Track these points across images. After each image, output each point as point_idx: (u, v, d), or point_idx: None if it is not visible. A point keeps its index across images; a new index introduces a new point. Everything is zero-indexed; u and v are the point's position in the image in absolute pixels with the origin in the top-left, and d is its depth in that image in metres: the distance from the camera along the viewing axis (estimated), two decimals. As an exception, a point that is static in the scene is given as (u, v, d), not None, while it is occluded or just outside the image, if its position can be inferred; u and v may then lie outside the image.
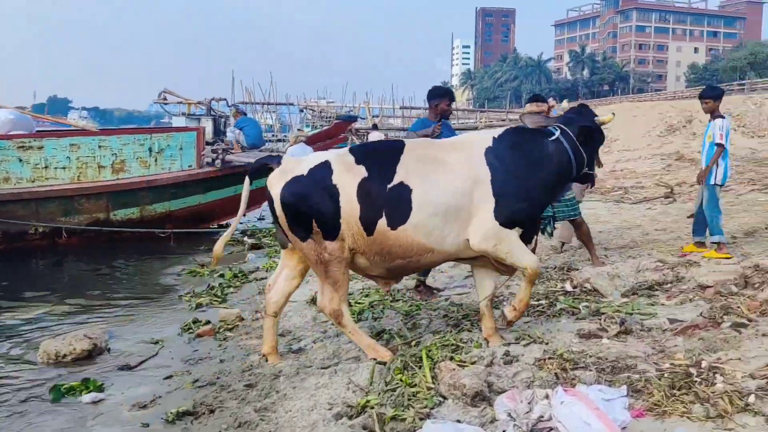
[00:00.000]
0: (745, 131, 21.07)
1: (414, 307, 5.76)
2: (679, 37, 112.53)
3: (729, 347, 3.99)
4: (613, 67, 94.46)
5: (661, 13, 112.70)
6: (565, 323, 4.90)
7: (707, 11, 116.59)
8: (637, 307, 5.04)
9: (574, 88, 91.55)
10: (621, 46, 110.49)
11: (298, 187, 4.33)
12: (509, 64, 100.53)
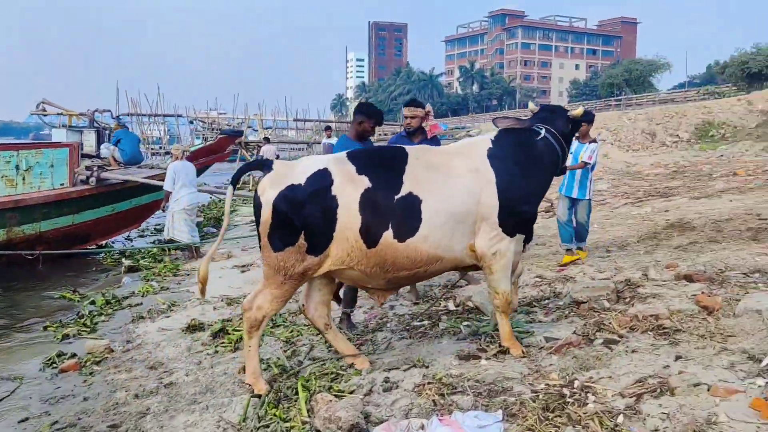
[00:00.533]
0: (621, 145, 22.26)
1: (295, 333, 5.56)
2: (561, 54, 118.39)
3: (601, 365, 4.04)
4: (500, 83, 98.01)
5: (544, 31, 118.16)
6: (446, 344, 4.85)
7: (587, 30, 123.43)
8: (515, 326, 5.06)
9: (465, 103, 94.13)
10: (508, 62, 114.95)
11: (295, 195, 4.00)
12: (402, 78, 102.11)
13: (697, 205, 10.00)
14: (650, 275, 5.97)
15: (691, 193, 11.28)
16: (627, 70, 63.99)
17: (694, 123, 26.60)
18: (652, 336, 4.47)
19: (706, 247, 7.20)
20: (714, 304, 4.86)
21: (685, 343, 4.25)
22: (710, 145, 22.97)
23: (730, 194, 10.77)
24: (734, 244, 7.15)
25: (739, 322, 4.52)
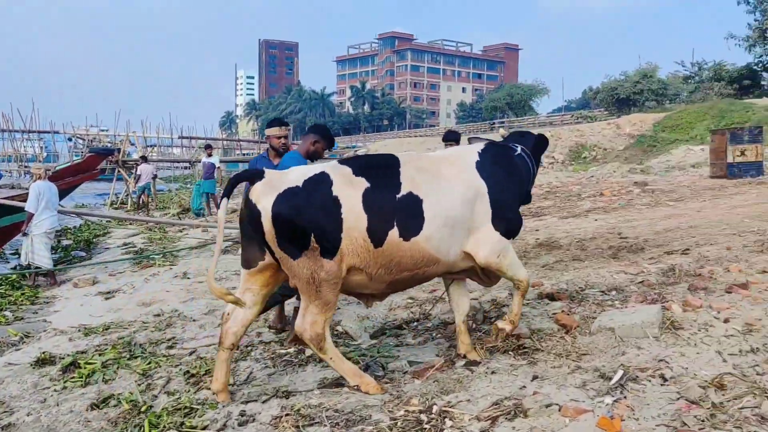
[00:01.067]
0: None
1: (153, 364, 5.24)
2: (449, 77, 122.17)
3: (461, 388, 4.03)
4: (391, 103, 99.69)
5: (432, 55, 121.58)
6: (310, 372, 4.71)
7: (472, 55, 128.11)
8: (383, 350, 5.01)
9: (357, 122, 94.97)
10: (398, 83, 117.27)
11: (295, 199, 3.95)
12: (293, 96, 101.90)
13: (566, 224, 10.44)
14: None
15: (561, 213, 11.78)
16: (509, 94, 66.76)
17: (569, 145, 28.05)
18: (513, 356, 4.53)
19: (570, 266, 7.47)
20: (572, 322, 5.01)
21: (542, 363, 4.33)
22: (582, 167, 24.24)
23: (596, 214, 11.32)
24: (596, 262, 7.46)
25: (594, 340, 4.67)
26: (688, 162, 20.84)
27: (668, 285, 6.01)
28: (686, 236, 8.25)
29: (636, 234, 8.75)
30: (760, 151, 15.23)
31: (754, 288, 5.56)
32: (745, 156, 15.45)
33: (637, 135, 28.47)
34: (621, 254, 7.73)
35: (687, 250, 7.41)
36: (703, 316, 4.83)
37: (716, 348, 4.25)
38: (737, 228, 8.34)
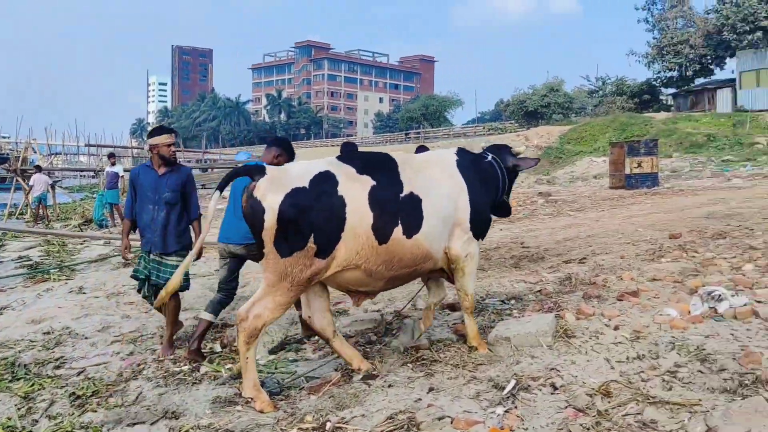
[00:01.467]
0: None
1: (37, 386, 4.92)
2: (366, 87, 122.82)
3: (356, 402, 3.97)
4: (308, 112, 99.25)
5: (350, 65, 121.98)
6: (204, 391, 4.54)
7: (389, 66, 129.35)
8: (281, 366, 4.90)
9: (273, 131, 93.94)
10: (315, 92, 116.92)
11: (302, 198, 3.92)
12: (207, 104, 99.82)
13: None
14: (418, 305, 6.11)
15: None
16: (424, 105, 67.77)
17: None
18: (411, 368, 4.51)
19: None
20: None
21: (439, 374, 4.33)
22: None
23: (501, 224, 11.56)
24: (498, 272, 7.60)
25: (492, 349, 4.72)
26: (590, 173, 21.69)
27: (564, 293, 6.18)
28: (584, 245, 8.53)
29: (538, 243, 8.98)
30: (656, 163, 16.03)
31: (644, 295, 5.78)
32: (642, 168, 16.22)
33: (544, 147, 29.45)
34: (522, 263, 7.90)
35: (584, 258, 7.65)
36: (594, 324, 4.98)
37: (605, 355, 4.37)
38: (631, 237, 8.69)
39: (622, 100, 42.58)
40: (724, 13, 34.97)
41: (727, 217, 9.58)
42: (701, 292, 5.39)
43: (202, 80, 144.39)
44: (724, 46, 36.87)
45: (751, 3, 32.69)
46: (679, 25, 40.92)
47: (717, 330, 4.73)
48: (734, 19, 33.55)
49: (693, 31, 39.16)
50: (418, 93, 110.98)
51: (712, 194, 13.17)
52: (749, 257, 6.75)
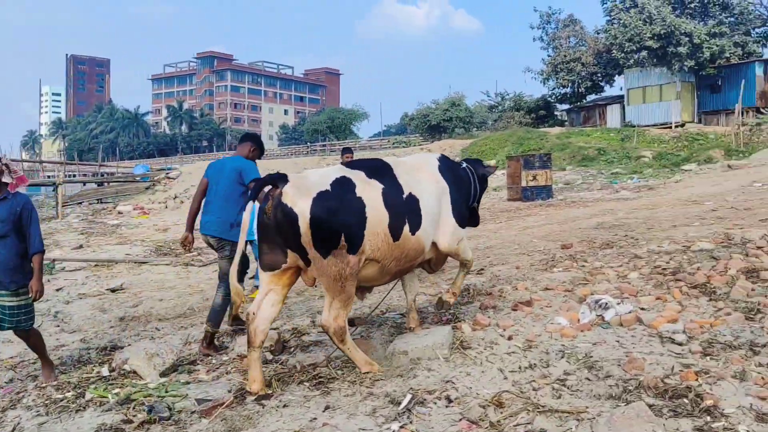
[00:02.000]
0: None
1: None
2: (270, 99, 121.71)
3: (250, 425, 3.86)
4: (210, 124, 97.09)
5: (253, 76, 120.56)
6: (88, 418, 4.28)
7: (294, 78, 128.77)
8: (172, 388, 4.69)
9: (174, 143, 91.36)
10: (218, 104, 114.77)
11: (329, 202, 4.23)
12: (105, 116, 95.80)
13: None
14: (317, 321, 6.03)
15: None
16: (330, 118, 67.76)
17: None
18: (307, 387, 4.43)
19: (375, 290, 7.55)
20: (368, 347, 5.03)
21: (336, 392, 4.28)
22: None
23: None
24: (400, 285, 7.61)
25: (389, 364, 4.71)
26: (491, 186, 22.27)
27: (462, 305, 6.27)
28: (482, 256, 8.71)
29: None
30: (550, 176, 16.69)
31: (537, 305, 5.94)
32: (537, 180, 16.85)
33: (447, 159, 30.01)
34: (422, 276, 7.95)
35: (482, 269, 7.81)
36: (490, 335, 5.07)
37: (499, 366, 4.45)
38: (527, 248, 8.96)
39: (520, 115, 44.14)
40: (612, 33, 36.93)
41: (614, 227, 10.04)
42: (589, 300, 5.60)
43: (99, 91, 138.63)
44: (613, 64, 38.94)
45: (636, 24, 34.70)
46: (571, 43, 42.92)
47: (604, 337, 4.92)
48: (622, 39, 35.49)
49: (584, 50, 41.17)
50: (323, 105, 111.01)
51: (602, 206, 13.80)
52: (634, 266, 7.07)
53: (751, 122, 28.86)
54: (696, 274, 6.35)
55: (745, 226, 8.42)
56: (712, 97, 35.76)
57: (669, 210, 11.67)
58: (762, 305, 5.32)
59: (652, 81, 36.41)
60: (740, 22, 37.15)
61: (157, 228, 17.19)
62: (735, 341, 4.60)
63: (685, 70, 34.38)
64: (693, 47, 33.10)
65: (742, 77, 33.24)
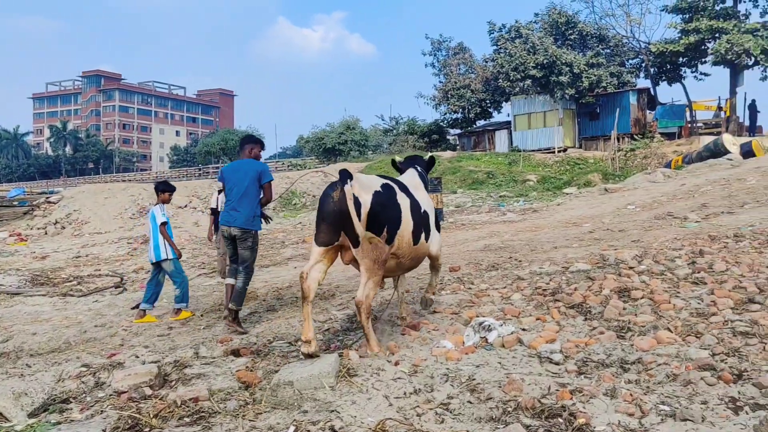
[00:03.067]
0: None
1: None
2: (161, 119, 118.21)
3: (123, 467, 3.65)
4: (97, 145, 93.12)
5: (143, 96, 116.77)
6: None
7: (186, 98, 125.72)
8: (40, 430, 4.38)
9: (57, 165, 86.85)
10: (105, 124, 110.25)
11: (383, 198, 5.27)
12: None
13: (266, 273, 10.44)
14: (201, 353, 5.84)
15: (262, 261, 11.77)
16: (224, 140, 66.54)
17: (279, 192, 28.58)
18: (188, 422, 4.26)
19: (264, 317, 7.43)
20: (253, 379, 4.91)
21: (218, 426, 4.13)
22: (293, 213, 24.86)
23: (297, 261, 11.55)
24: (290, 312, 7.53)
25: (275, 395, 4.61)
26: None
27: (352, 331, 6.26)
28: (373, 281, 8.75)
29: (330, 280, 9.05)
30: (440, 199, 17.03)
31: (425, 328, 6.03)
32: (429, 203, 17.14)
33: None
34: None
35: (372, 294, 7.83)
36: (377, 361, 5.08)
37: (385, 392, 4.46)
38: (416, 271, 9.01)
39: (414, 139, 45.07)
40: (499, 61, 38.51)
41: (500, 249, 10.37)
42: (474, 323, 5.73)
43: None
44: (500, 92, 40.54)
45: (521, 54, 36.37)
46: (461, 70, 44.36)
47: (487, 359, 5.04)
48: (508, 68, 37.07)
49: (474, 77, 42.63)
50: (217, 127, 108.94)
51: (489, 228, 14.24)
52: (517, 287, 7.32)
53: (626, 148, 30.79)
54: (573, 295, 6.65)
55: (618, 247, 8.91)
56: (591, 124, 37.93)
57: (551, 232, 12.19)
58: (632, 323, 5.64)
59: (536, 108, 38.20)
60: (615, 54, 39.70)
61: (35, 256, 16.15)
62: (607, 359, 4.83)
63: (567, 98, 36.31)
64: (573, 76, 35.05)
65: (618, 105, 35.52)
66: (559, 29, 39.36)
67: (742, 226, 9.68)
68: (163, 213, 8.10)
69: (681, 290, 6.57)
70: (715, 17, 35.01)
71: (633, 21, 40.70)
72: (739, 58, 32.36)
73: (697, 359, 4.58)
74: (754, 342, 5.02)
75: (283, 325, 6.77)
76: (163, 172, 69.77)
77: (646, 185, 19.59)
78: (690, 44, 34.76)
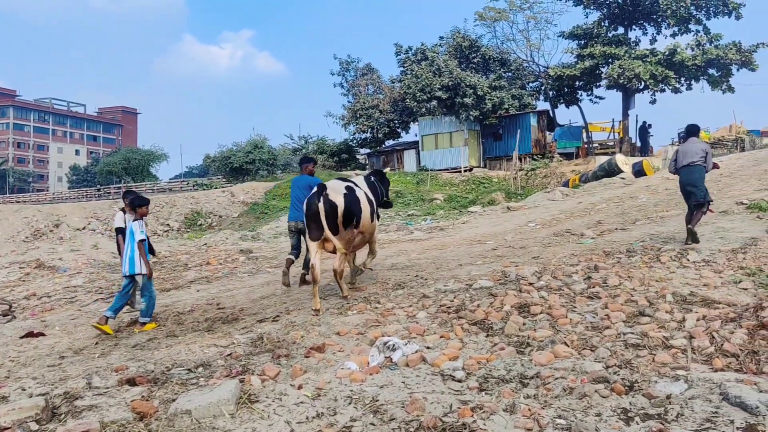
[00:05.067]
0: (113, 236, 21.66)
1: None
2: (60, 138, 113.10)
3: None
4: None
5: (40, 114, 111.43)
6: None
7: (86, 116, 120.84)
8: None
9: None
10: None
11: (349, 198, 7.81)
12: None
13: (167, 297, 10.08)
14: (94, 383, 5.53)
15: (164, 285, 11.36)
16: (126, 159, 64.13)
17: (184, 213, 27.83)
18: (76, 459, 4.01)
19: (163, 343, 7.14)
20: (149, 409, 4.69)
21: (109, 462, 3.91)
22: (197, 234, 24.22)
23: (199, 284, 11.21)
24: (190, 337, 7.27)
25: (171, 425, 4.42)
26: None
27: (255, 355, 6.11)
28: (279, 303, 8.61)
29: (234, 303, 8.85)
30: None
31: (330, 350, 5.96)
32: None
33: (250, 202, 29.66)
34: (216, 326, 7.69)
35: (278, 316, 7.69)
36: (280, 386, 4.97)
37: (287, 417, 4.36)
38: (323, 292, 8.98)
39: (324, 158, 45.01)
40: (406, 83, 39.18)
41: (407, 267, 10.45)
42: (378, 343, 5.72)
43: None
44: (408, 112, 41.20)
45: (427, 76, 37.17)
46: (370, 91, 44.83)
47: (391, 379, 5.03)
48: (414, 89, 37.76)
49: (382, 98, 43.17)
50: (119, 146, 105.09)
51: (397, 246, 14.34)
52: (422, 305, 7.38)
53: (527, 167, 31.90)
54: (476, 311, 6.77)
55: (519, 264, 9.16)
56: (495, 144, 39.13)
57: (456, 250, 12.42)
58: (531, 338, 5.79)
59: (443, 128, 39.04)
60: (517, 77, 41.22)
61: None
62: (507, 375, 4.92)
63: (471, 119, 37.32)
64: (477, 98, 36.10)
65: (519, 127, 36.83)
66: (463, 52, 40.51)
67: (633, 241, 10.17)
68: (142, 230, 8.13)
69: (577, 305, 6.82)
70: (608, 44, 37.03)
71: (532, 46, 42.53)
72: (630, 83, 34.28)
73: (591, 372, 4.73)
74: (644, 353, 5.27)
75: (183, 351, 6.52)
76: (60, 193, 66.58)
77: (546, 203, 20.34)
78: (585, 69, 36.57)
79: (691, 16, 35.88)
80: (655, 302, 6.72)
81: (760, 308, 6.33)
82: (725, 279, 7.60)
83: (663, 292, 7.03)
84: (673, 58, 34.26)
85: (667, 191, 17.47)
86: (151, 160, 66.47)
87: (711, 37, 35.72)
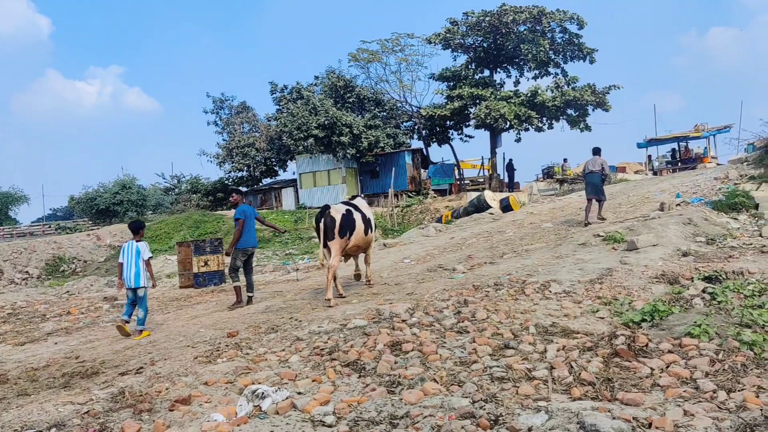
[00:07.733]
0: None
1: None
2: None
3: None
4: None
5: None
6: None
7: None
8: None
9: None
10: None
11: (346, 217, 10.66)
12: None
13: (20, 352, 9.28)
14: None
15: (18, 339, 10.48)
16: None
17: (45, 258, 26.06)
18: None
19: (14, 403, 6.54)
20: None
21: None
22: (60, 281, 22.72)
23: (58, 336, 10.43)
24: (45, 395, 6.73)
25: None
26: (164, 272, 21.42)
27: (114, 411, 5.74)
28: (144, 353, 8.17)
29: (95, 356, 8.30)
30: (221, 261, 16.62)
31: (196, 402, 5.72)
32: (208, 266, 16.66)
33: (118, 246, 28.20)
34: (74, 381, 7.17)
35: (142, 368, 7.29)
36: (139, 444, 4.67)
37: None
38: (192, 339, 8.65)
39: (198, 198, 43.85)
40: (282, 121, 39.14)
41: (281, 309, 10.27)
42: (247, 391, 5.54)
43: None
44: (285, 150, 41.08)
45: (303, 114, 37.30)
46: (245, 129, 44.37)
47: (260, 429, 4.88)
48: (291, 127, 37.73)
49: (258, 136, 42.83)
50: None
51: (272, 288, 14.11)
52: (296, 348, 7.26)
53: (403, 204, 32.58)
54: (350, 352, 6.74)
55: (393, 301, 9.25)
56: (372, 182, 39.75)
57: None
58: (402, 377, 5.82)
59: (320, 166, 39.23)
60: (391, 117, 42.30)
61: None
62: (378, 416, 4.90)
63: (348, 157, 37.77)
64: (353, 137, 36.61)
65: (395, 164, 37.68)
66: (338, 92, 41.09)
67: (501, 275, 10.57)
68: (148, 250, 10.14)
69: (447, 340, 6.95)
70: (475, 85, 38.89)
71: (405, 87, 43.90)
72: (496, 122, 36.06)
73: (459, 408, 4.81)
74: (509, 386, 5.43)
75: (35, 411, 6.00)
76: None
77: (420, 239, 20.79)
78: (455, 109, 38.14)
79: (550, 59, 38.45)
80: (519, 334, 6.97)
81: (614, 336, 6.74)
82: (584, 309, 8.03)
83: (527, 324, 7.32)
84: (535, 99, 36.47)
85: (532, 225, 18.37)
86: (9, 202, 61.85)
87: (569, 80, 38.43)
